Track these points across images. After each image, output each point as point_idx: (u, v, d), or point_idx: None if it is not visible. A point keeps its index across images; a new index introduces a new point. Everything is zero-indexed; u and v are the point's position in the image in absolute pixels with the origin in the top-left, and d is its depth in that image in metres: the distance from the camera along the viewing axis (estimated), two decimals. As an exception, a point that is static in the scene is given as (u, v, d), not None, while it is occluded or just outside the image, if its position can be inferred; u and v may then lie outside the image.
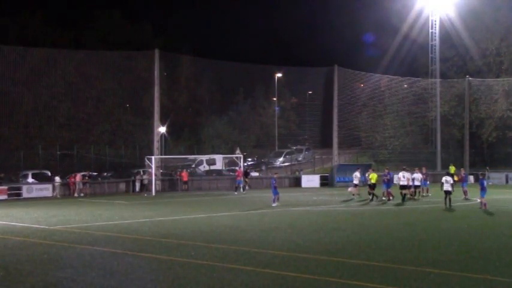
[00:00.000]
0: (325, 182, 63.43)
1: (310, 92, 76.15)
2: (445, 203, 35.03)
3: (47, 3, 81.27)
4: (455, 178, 42.34)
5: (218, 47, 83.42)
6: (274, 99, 78.71)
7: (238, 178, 54.46)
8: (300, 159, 75.63)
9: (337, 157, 68.74)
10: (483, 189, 34.14)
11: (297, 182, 63.44)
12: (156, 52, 59.15)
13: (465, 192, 42.36)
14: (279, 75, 76.56)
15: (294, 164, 72.41)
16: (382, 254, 19.11)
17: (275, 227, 26.55)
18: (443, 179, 36.09)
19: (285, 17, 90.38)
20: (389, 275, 16.07)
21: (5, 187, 49.18)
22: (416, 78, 76.63)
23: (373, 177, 41.53)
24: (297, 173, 66.63)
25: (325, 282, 15.23)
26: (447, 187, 35.29)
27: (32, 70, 59.81)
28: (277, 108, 77.76)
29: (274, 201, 37.84)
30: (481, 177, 36.54)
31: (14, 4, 76.19)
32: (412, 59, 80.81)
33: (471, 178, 63.82)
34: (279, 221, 29.22)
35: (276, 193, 38.15)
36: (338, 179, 63.32)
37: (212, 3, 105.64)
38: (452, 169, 56.09)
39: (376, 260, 17.94)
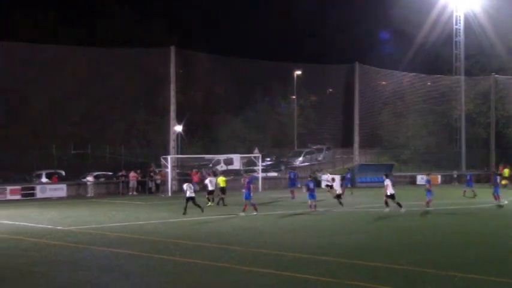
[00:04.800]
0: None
1: (330, 90, 74.78)
2: None
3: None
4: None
5: (235, 44, 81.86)
6: (293, 97, 77.21)
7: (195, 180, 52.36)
8: (319, 158, 74.17)
9: (358, 157, 67.44)
10: (310, 192, 33.97)
11: (316, 183, 61.71)
12: (172, 49, 57.94)
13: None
14: (298, 72, 75.03)
15: (313, 164, 70.96)
16: (404, 257, 18.80)
17: (294, 229, 26.38)
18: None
19: (304, 12, 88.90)
20: (411, 278, 15.78)
21: (18, 187, 48.32)
22: (439, 76, 75.05)
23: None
24: (316, 173, 65.06)
25: (346, 286, 14.94)
26: None
27: (44, 68, 58.81)
28: (294, 105, 76.07)
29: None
30: (309, 178, 36.45)
31: (26, 1, 75.14)
32: (435, 56, 79.20)
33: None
34: (298, 223, 28.97)
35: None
36: (359, 179, 62.08)
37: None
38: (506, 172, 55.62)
39: (398, 263, 17.66)
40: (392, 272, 16.54)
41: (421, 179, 64.67)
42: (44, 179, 53.22)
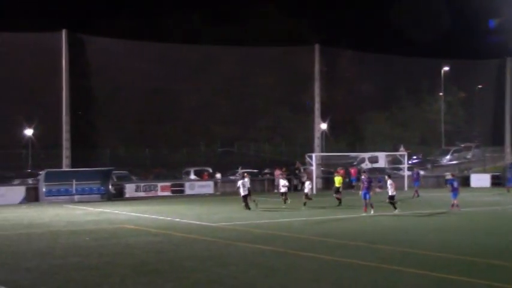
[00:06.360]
0: (497, 181, 59.42)
1: (479, 86, 71.99)
2: None
3: (206, 0, 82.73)
4: None
5: (380, 40, 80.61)
6: (441, 94, 75.09)
7: (354, 175, 51.16)
8: (468, 157, 71.71)
9: (509, 155, 64.57)
10: (454, 191, 33.29)
11: (465, 182, 59.77)
12: (316, 47, 58.00)
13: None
14: (446, 68, 72.82)
15: (462, 163, 68.71)
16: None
17: (441, 229, 25.64)
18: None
19: (453, 5, 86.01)
20: None
21: (168, 183, 50.13)
22: None
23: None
24: (465, 171, 63.10)
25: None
26: None
27: (193, 68, 60.62)
28: (441, 102, 74.01)
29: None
30: (451, 177, 35.63)
31: (176, 3, 78.06)
32: None
33: None
34: (446, 223, 28.11)
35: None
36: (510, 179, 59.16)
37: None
38: None
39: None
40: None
41: None
42: (192, 176, 54.88)
